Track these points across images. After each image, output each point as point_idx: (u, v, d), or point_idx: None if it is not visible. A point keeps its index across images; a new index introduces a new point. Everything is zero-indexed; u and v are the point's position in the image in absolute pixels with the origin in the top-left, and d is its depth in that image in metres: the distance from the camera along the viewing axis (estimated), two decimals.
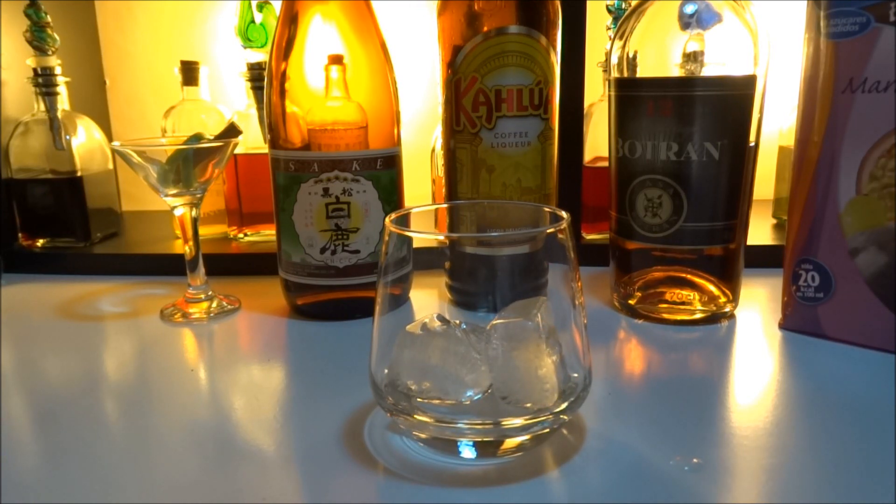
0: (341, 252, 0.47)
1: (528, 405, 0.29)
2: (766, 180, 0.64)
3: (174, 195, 0.48)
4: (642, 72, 0.45)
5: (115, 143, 0.47)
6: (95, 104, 0.81)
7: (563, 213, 0.30)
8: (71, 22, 0.76)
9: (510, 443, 0.29)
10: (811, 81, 0.40)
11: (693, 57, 0.43)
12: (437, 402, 0.29)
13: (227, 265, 0.60)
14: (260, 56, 0.64)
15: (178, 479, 0.29)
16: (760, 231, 0.63)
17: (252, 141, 0.65)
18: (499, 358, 0.29)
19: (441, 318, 0.31)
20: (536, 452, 0.30)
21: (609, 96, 0.47)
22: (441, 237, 0.33)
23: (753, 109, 0.43)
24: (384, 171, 0.47)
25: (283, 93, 0.46)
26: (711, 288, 0.46)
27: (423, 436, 0.30)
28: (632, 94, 0.45)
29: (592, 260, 0.59)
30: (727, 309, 0.47)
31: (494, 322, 0.29)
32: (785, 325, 0.44)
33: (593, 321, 0.47)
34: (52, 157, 0.64)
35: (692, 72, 0.43)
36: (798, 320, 0.44)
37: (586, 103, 0.59)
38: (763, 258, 0.56)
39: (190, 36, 0.82)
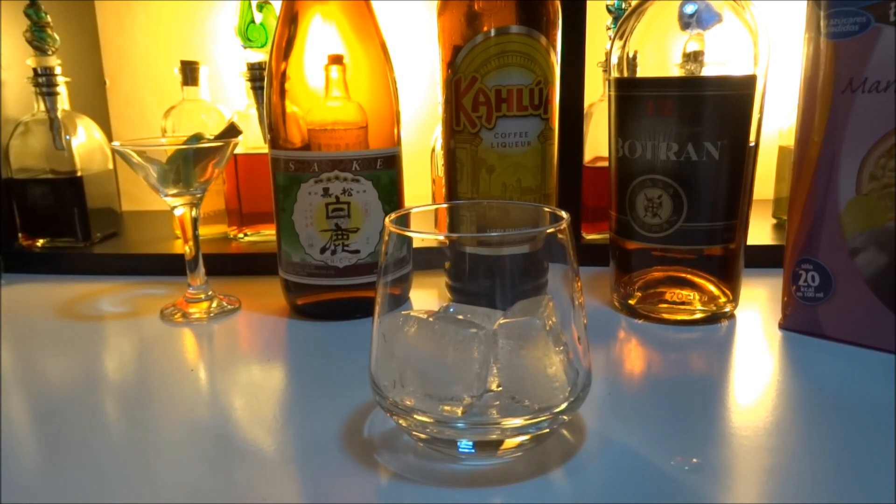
0: (341, 252, 0.47)
1: (537, 405, 0.29)
2: (766, 180, 0.64)
3: (174, 195, 0.48)
4: (642, 72, 0.45)
5: (115, 143, 0.47)
6: (95, 104, 0.81)
7: (563, 213, 0.30)
8: (71, 22, 0.76)
9: (510, 443, 0.29)
10: (811, 81, 0.40)
11: (693, 57, 0.43)
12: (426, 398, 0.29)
13: (227, 265, 0.60)
14: (260, 56, 0.64)
15: (178, 479, 0.29)
16: (760, 231, 0.63)
17: (252, 141, 0.65)
18: (507, 357, 0.29)
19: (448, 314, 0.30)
20: (536, 452, 0.30)
21: (609, 96, 0.47)
22: (441, 237, 0.33)
23: (753, 109, 0.43)
24: (384, 171, 0.47)
25: (283, 93, 0.46)
26: (711, 288, 0.46)
27: (422, 436, 0.30)
28: (632, 94, 0.45)
29: (592, 260, 0.59)
30: (727, 309, 0.47)
31: (501, 322, 0.29)
32: (785, 325, 0.44)
33: (593, 321, 0.47)
34: (52, 157, 0.64)
35: (692, 72, 0.43)
36: (798, 320, 0.44)
37: (586, 103, 0.59)
38: (763, 258, 0.56)
39: (190, 36, 0.82)
